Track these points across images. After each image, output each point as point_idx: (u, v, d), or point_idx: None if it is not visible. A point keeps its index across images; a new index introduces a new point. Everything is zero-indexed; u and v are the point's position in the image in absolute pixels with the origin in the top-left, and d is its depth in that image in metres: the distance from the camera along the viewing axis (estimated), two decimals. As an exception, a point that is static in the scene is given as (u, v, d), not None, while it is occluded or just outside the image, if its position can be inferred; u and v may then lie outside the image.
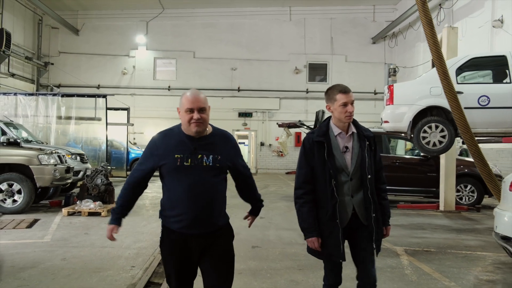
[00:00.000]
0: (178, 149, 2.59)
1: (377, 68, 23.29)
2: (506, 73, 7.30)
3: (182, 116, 2.60)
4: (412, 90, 7.51)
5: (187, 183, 2.56)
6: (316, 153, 2.89)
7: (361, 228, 2.90)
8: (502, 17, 13.82)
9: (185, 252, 2.64)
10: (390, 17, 23.01)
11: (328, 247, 2.88)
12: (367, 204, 2.89)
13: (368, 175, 2.88)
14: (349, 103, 2.87)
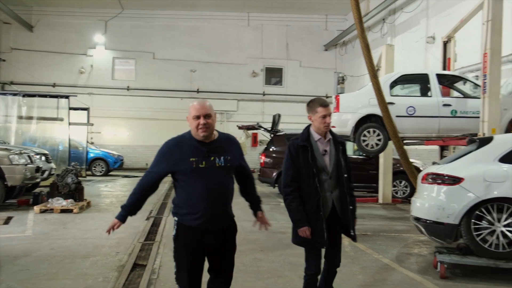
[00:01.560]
0: (193, 153, 2.82)
1: (329, 74, 24.73)
2: (429, 88, 8.74)
3: (190, 123, 2.86)
4: (354, 100, 8.77)
5: (204, 184, 2.80)
6: (301, 156, 3.36)
7: (335, 219, 3.44)
8: (434, 34, 15.54)
9: (200, 247, 2.86)
10: (341, 27, 24.57)
11: (314, 236, 3.34)
12: (343, 199, 3.42)
13: (344, 174, 3.42)
14: (327, 115, 3.39)
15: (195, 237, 2.85)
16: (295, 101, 24.69)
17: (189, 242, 2.86)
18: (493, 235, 4.93)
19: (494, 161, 5.19)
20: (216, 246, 2.92)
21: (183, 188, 2.87)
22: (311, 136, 3.46)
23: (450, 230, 5.09)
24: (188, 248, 2.86)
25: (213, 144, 2.89)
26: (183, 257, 2.88)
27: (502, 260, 4.86)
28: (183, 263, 2.88)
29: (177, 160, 2.85)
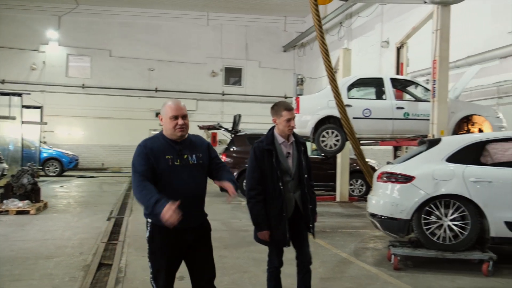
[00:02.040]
0: (167, 151, 2.88)
1: (288, 75, 25.19)
2: (383, 92, 9.22)
3: (166, 123, 2.89)
4: (314, 102, 9.10)
5: (178, 181, 2.85)
6: (266, 159, 3.45)
7: (299, 218, 3.56)
8: (388, 39, 16.26)
9: (177, 246, 2.89)
10: (299, 28, 25.07)
11: (277, 235, 3.45)
12: (304, 198, 3.56)
13: (304, 175, 3.55)
14: (292, 119, 3.47)
15: (171, 236, 2.84)
16: (254, 101, 24.97)
17: (166, 243, 2.86)
18: (441, 229, 5.35)
19: (442, 161, 5.61)
20: (193, 246, 2.94)
21: (158, 187, 2.83)
22: (275, 139, 3.53)
23: (402, 225, 5.46)
24: (165, 249, 2.86)
25: (184, 142, 2.96)
26: (160, 258, 2.87)
27: (448, 252, 5.28)
28: (160, 264, 2.88)
29: (155, 157, 2.86)
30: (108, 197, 12.03)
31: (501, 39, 11.18)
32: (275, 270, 3.64)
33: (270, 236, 3.48)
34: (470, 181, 5.31)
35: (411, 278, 4.96)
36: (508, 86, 10.82)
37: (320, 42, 7.58)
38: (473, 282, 4.80)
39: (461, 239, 5.26)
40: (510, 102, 10.58)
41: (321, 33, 7.55)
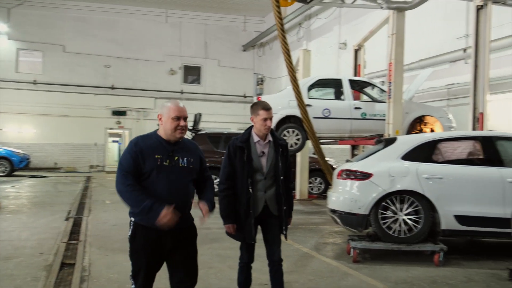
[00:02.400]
0: (158, 150, 2.85)
1: (247, 74, 25.38)
2: (342, 92, 9.55)
3: (167, 123, 2.85)
4: (275, 102, 9.22)
5: (166, 182, 2.82)
6: (238, 156, 3.52)
7: (271, 217, 3.59)
8: (346, 41, 16.77)
9: (158, 247, 2.86)
10: (259, 28, 25.29)
11: (243, 231, 3.53)
12: (278, 199, 3.57)
13: (280, 176, 3.56)
14: (268, 119, 3.52)
15: (152, 237, 2.83)
16: (213, 100, 24.96)
17: (147, 242, 2.84)
18: (396, 223, 5.65)
19: (397, 158, 5.92)
20: (175, 249, 2.92)
21: (143, 186, 2.83)
22: (251, 138, 3.59)
23: (361, 219, 5.73)
24: (146, 249, 2.85)
25: (178, 145, 2.94)
26: (140, 257, 2.86)
27: (403, 244, 5.59)
28: (140, 263, 2.86)
29: (144, 154, 2.83)
30: (64, 197, 11.71)
31: (451, 44, 11.84)
32: (245, 265, 3.72)
33: (236, 230, 3.57)
34: (423, 177, 5.64)
35: (369, 269, 5.22)
36: (457, 89, 11.46)
37: (282, 44, 7.76)
38: (426, 272, 5.11)
39: (415, 232, 5.59)
40: (459, 103, 11.21)
41: (283, 34, 7.73)
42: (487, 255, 5.98)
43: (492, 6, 7.93)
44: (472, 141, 5.98)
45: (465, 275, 4.99)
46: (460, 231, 5.62)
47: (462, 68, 11.32)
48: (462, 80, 11.00)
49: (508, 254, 5.67)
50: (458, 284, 4.68)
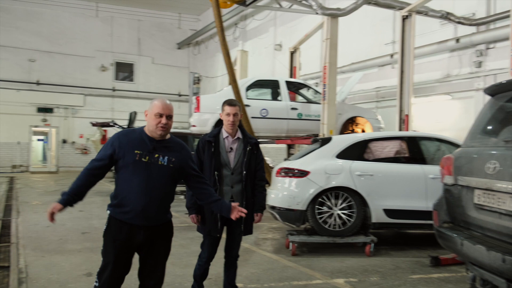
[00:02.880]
0: (138, 146, 2.85)
1: (182, 72, 25.15)
2: (279, 93, 9.87)
3: (150, 119, 2.88)
4: (214, 101, 9.34)
5: (141, 178, 2.82)
6: (206, 150, 3.64)
7: None
8: (281, 43, 17.23)
9: (129, 242, 2.85)
10: (194, 26, 25.16)
11: (208, 224, 3.62)
12: (243, 195, 3.66)
13: (244, 171, 3.65)
14: (232, 114, 3.63)
15: (123, 231, 2.83)
16: (147, 98, 24.31)
17: (117, 236, 2.84)
18: (332, 218, 5.99)
19: (332, 157, 6.27)
20: (146, 246, 2.90)
21: (121, 180, 2.87)
22: (220, 133, 3.71)
23: (299, 215, 6.01)
24: (116, 242, 2.84)
25: (161, 142, 2.92)
26: (110, 251, 2.85)
27: (338, 237, 5.95)
28: (109, 256, 2.84)
29: (123, 148, 2.84)
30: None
31: (379, 49, 12.62)
32: (203, 263, 3.79)
33: (200, 222, 3.69)
34: (355, 174, 6.04)
35: (307, 261, 5.50)
36: (385, 92, 12.24)
37: (222, 45, 7.87)
38: (358, 262, 5.49)
39: (348, 226, 5.96)
40: (387, 105, 11.99)
41: (223, 36, 7.85)
42: (412, 245, 6.53)
43: (416, 16, 8.62)
44: (399, 141, 6.48)
45: (393, 263, 5.42)
46: (388, 223, 6.09)
47: (389, 72, 12.12)
48: (389, 83, 11.78)
49: (429, 244, 6.22)
50: (387, 271, 5.09)
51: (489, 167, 3.34)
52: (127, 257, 2.89)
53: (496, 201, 3.28)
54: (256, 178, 3.78)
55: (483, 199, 3.43)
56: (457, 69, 10.52)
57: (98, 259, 5.41)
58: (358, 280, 4.73)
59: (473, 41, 9.88)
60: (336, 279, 4.77)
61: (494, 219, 3.31)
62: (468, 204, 3.61)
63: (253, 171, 3.74)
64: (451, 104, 10.60)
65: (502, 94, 3.79)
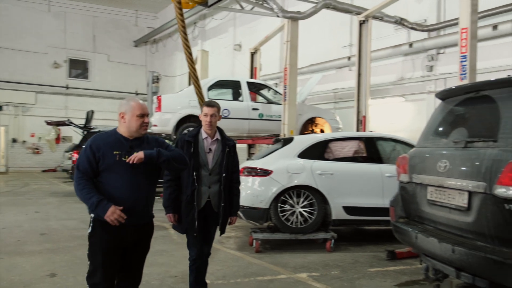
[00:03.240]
0: (116, 146, 2.88)
1: (139, 71, 24.76)
2: (240, 93, 10.00)
3: (131, 121, 2.90)
4: (176, 101, 9.38)
5: (126, 177, 2.86)
6: (185, 150, 3.61)
7: (212, 214, 3.74)
8: (241, 43, 17.37)
9: (117, 243, 2.86)
10: (151, 24, 24.82)
11: (186, 223, 3.66)
12: (219, 195, 3.72)
13: (223, 173, 3.71)
14: (209, 115, 3.68)
15: (111, 232, 2.82)
16: (103, 96, 23.88)
17: (105, 238, 2.83)
18: (294, 215, 6.19)
19: (294, 157, 6.47)
20: (132, 244, 2.94)
21: (103, 182, 2.87)
22: (200, 134, 3.74)
23: (262, 213, 6.16)
24: (104, 244, 2.83)
25: (137, 140, 2.95)
26: (98, 253, 2.83)
27: (300, 234, 6.16)
28: (98, 259, 2.83)
29: (102, 151, 2.86)
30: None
31: (337, 52, 13.03)
32: (193, 262, 3.83)
33: (177, 221, 3.74)
34: (316, 173, 6.27)
35: (271, 258, 5.67)
36: (342, 93, 12.66)
37: (185, 45, 7.90)
38: (320, 257, 5.71)
39: (310, 223, 6.18)
40: (344, 106, 12.41)
41: (186, 36, 7.88)
42: (369, 240, 6.85)
43: (372, 21, 9.00)
44: (357, 141, 6.78)
45: (352, 258, 5.69)
46: (348, 220, 6.36)
47: (346, 74, 12.54)
48: (347, 85, 12.20)
49: (386, 239, 6.56)
50: (347, 265, 5.34)
51: (441, 166, 3.62)
52: (117, 259, 2.90)
53: (446, 197, 3.56)
54: (232, 180, 3.86)
55: (435, 195, 3.70)
56: (410, 73, 11.07)
57: (60, 259, 5.41)
58: (320, 274, 4.94)
59: (425, 46, 10.44)
60: (300, 273, 4.96)
61: (445, 214, 3.58)
62: (422, 200, 3.89)
63: (230, 173, 3.82)
64: (404, 106, 11.14)
65: (452, 98, 4.09)
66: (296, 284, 4.61)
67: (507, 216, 2.97)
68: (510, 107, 3.33)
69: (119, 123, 2.97)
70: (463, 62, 5.74)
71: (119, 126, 2.97)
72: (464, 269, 3.28)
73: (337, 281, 4.70)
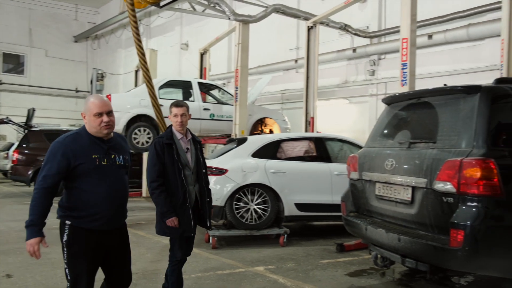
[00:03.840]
0: (93, 150, 2.71)
1: (80, 67, 23.93)
2: (191, 94, 10.11)
3: (90, 120, 2.71)
4: (126, 100, 9.31)
5: (107, 182, 2.73)
6: (166, 153, 3.63)
7: (196, 211, 3.78)
8: (187, 42, 17.38)
9: (98, 249, 2.76)
10: (92, 19, 24.08)
11: (182, 225, 3.62)
12: (202, 192, 3.81)
13: (203, 170, 3.83)
14: (179, 115, 3.71)
15: (93, 239, 2.72)
16: (40, 93, 22.88)
17: (88, 245, 2.71)
18: (248, 212, 6.45)
19: (248, 156, 6.72)
20: (113, 250, 2.87)
21: (80, 188, 2.71)
22: (174, 135, 3.75)
23: (218, 211, 6.35)
24: (87, 252, 2.71)
25: (111, 141, 2.83)
26: (81, 261, 2.71)
27: (254, 230, 6.43)
28: (81, 268, 2.71)
29: (77, 156, 2.67)
30: None
31: (284, 54, 13.46)
32: (177, 263, 3.76)
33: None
34: (270, 172, 6.56)
35: (228, 253, 5.90)
36: (289, 94, 13.11)
37: (137, 45, 7.87)
38: (274, 251, 6.02)
39: (264, 219, 6.46)
40: (292, 107, 12.86)
41: (138, 36, 7.87)
42: (319, 235, 7.27)
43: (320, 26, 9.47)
44: (307, 141, 7.17)
45: (305, 252, 6.05)
46: (299, 216, 6.72)
47: (293, 76, 13.01)
48: (294, 87, 12.66)
49: (334, 234, 7.00)
50: (300, 258, 5.68)
51: (387, 164, 4.03)
52: (97, 264, 2.82)
53: (393, 192, 3.97)
54: (206, 175, 3.96)
55: (382, 191, 4.12)
56: (354, 76, 11.72)
57: (13, 261, 5.32)
58: (276, 267, 5.24)
59: (368, 52, 11.11)
60: (257, 267, 5.23)
61: (391, 207, 4.00)
62: (371, 195, 4.29)
63: (205, 169, 3.94)
64: (348, 108, 11.76)
65: (396, 104, 4.54)
66: (255, 277, 4.87)
67: (445, 207, 3.41)
68: (446, 113, 3.80)
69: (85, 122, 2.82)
70: (404, 69, 6.28)
71: (86, 126, 2.79)
72: (408, 255, 3.70)
73: (292, 273, 5.03)
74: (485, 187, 3.20)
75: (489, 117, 3.39)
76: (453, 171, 3.32)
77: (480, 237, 3.19)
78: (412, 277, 4.92)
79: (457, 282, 4.73)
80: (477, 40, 9.11)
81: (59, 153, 2.66)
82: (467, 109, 3.53)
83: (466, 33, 9.11)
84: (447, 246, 3.29)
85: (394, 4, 10.33)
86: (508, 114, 3.59)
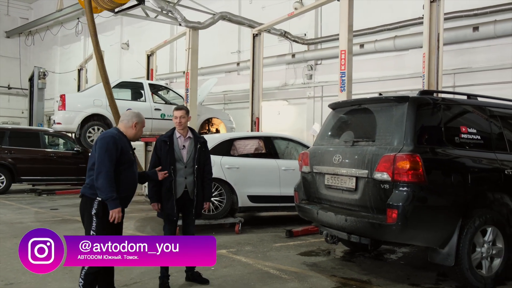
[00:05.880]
0: (128, 146, 3.70)
1: (13, 63, 22.89)
2: (142, 94, 10.49)
3: (140, 130, 3.81)
4: (80, 100, 9.52)
5: (136, 172, 3.76)
6: (162, 148, 4.38)
7: (189, 201, 4.43)
8: (128, 42, 17.47)
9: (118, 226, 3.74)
10: (25, 15, 23.17)
11: (166, 209, 4.36)
12: (194, 184, 4.42)
13: (195, 165, 4.41)
14: (179, 117, 4.37)
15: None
16: (-34, 90, 21.62)
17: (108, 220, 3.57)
18: (206, 205, 7.06)
19: (205, 153, 7.33)
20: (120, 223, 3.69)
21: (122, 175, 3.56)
22: (174, 134, 4.46)
23: (178, 204, 6.91)
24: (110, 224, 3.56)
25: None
26: (107, 227, 3.54)
27: (212, 220, 7.07)
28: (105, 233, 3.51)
29: (123, 148, 3.57)
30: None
31: (226, 57, 14.13)
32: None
33: (160, 209, 4.42)
34: (225, 167, 7.23)
35: (191, 242, 6.48)
36: (231, 95, 13.82)
37: (95, 49, 8.21)
38: (231, 238, 6.70)
39: (220, 210, 7.12)
40: (234, 108, 13.57)
41: (97, 40, 8.19)
42: (268, 224, 8.05)
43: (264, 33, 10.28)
44: (257, 140, 7.93)
45: (259, 237, 6.81)
46: (251, 207, 7.48)
47: (235, 78, 13.73)
48: (236, 88, 13.38)
49: (281, 222, 7.84)
50: (256, 242, 6.43)
51: (335, 159, 4.88)
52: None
53: (339, 182, 4.83)
54: (205, 171, 4.57)
55: (331, 181, 4.96)
56: (293, 79, 12.68)
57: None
58: (237, 250, 5.95)
59: (305, 57, 12.11)
60: (219, 250, 5.86)
61: (338, 194, 4.86)
62: (321, 185, 5.13)
63: (202, 165, 4.54)
64: (288, 109, 12.71)
65: (340, 109, 5.43)
66: (220, 257, 5.51)
67: (382, 192, 4.31)
68: (382, 117, 4.72)
69: (126, 128, 3.73)
70: (342, 77, 7.23)
71: (126, 131, 3.72)
72: (353, 232, 4.58)
73: (252, 254, 5.77)
74: (413, 176, 4.13)
75: (415, 121, 4.34)
76: (388, 163, 4.22)
77: (409, 214, 4.11)
78: (352, 254, 5.85)
79: (389, 257, 5.75)
80: (402, 50, 10.40)
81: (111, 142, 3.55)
82: (398, 115, 4.46)
83: (393, 44, 10.38)
84: (385, 222, 4.18)
85: (329, 14, 11.41)
86: (429, 119, 4.57)
